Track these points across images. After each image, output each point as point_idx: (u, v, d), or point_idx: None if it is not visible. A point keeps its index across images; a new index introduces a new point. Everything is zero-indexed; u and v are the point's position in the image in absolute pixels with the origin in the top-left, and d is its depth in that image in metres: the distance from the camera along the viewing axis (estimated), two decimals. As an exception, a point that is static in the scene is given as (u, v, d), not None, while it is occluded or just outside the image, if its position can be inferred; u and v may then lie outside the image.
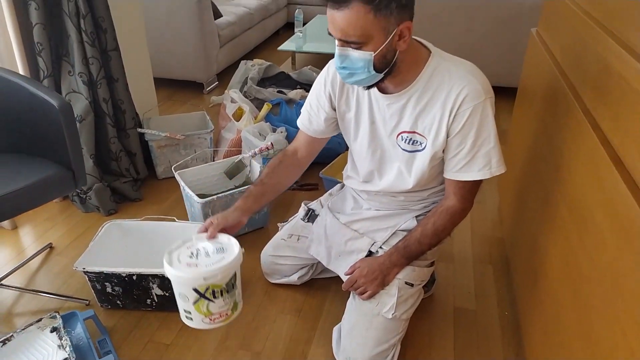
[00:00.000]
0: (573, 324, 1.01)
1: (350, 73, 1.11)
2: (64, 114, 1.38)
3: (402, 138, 1.24)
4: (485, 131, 1.16)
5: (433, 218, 1.28)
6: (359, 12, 1.01)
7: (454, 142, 1.18)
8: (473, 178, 1.21)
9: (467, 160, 1.19)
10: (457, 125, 1.15)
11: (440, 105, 1.16)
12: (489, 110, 1.15)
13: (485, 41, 3.09)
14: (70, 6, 1.83)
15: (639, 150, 0.82)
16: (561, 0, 1.47)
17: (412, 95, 1.18)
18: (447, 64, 1.16)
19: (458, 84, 1.13)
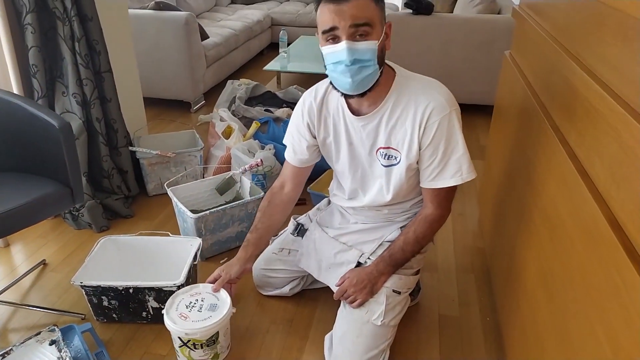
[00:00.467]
0: (548, 324, 1.10)
1: (360, 67, 1.15)
2: (64, 133, 1.44)
3: (380, 154, 1.34)
4: (454, 141, 1.26)
5: (414, 227, 1.37)
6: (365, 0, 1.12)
7: (426, 153, 1.28)
8: (447, 185, 1.30)
9: (440, 169, 1.29)
10: (428, 137, 1.25)
11: (410, 120, 1.26)
12: (454, 121, 1.25)
13: (463, 63, 3.23)
14: (66, 30, 1.90)
15: (602, 163, 0.92)
16: (531, 26, 1.59)
17: (384, 114, 1.29)
18: (412, 82, 1.27)
19: (424, 100, 1.24)
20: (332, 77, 1.24)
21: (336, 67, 1.18)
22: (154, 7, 3.28)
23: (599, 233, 0.86)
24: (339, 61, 1.16)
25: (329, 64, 1.20)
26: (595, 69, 1.02)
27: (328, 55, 1.18)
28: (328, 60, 1.19)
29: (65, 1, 1.87)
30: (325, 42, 1.18)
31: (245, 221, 1.95)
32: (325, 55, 1.19)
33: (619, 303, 0.77)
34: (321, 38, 1.19)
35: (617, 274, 0.78)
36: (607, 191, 0.88)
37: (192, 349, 1.38)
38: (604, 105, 0.91)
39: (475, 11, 3.40)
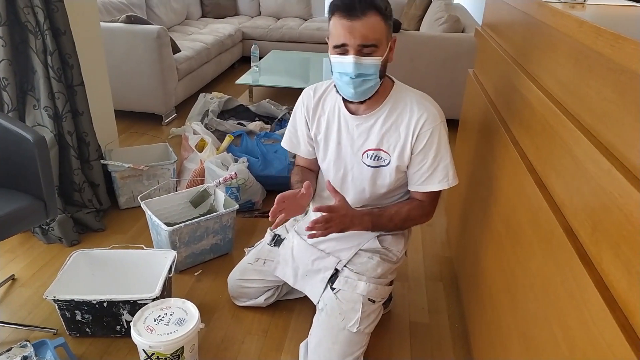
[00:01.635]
0: (511, 326, 1.16)
1: (364, 80, 1.26)
2: (39, 147, 1.44)
3: (367, 155, 1.42)
4: (443, 149, 1.38)
5: (409, 206, 1.46)
6: (375, 19, 1.21)
7: (417, 159, 1.38)
8: (435, 189, 1.41)
9: (429, 174, 1.40)
10: (420, 144, 1.36)
11: (405, 127, 1.36)
12: (443, 131, 1.38)
13: (429, 79, 3.34)
14: (38, 43, 1.89)
15: (557, 175, 1.00)
16: (492, 46, 1.69)
17: (380, 117, 1.38)
18: (408, 92, 1.39)
19: (418, 110, 1.35)
20: (337, 84, 1.34)
21: (341, 77, 1.27)
22: (125, 20, 3.28)
23: (555, 240, 0.94)
24: (345, 73, 1.25)
25: (335, 72, 1.30)
26: (550, 88, 1.11)
27: (335, 64, 1.28)
28: (335, 69, 1.29)
29: (38, 15, 1.87)
30: (333, 50, 1.27)
31: (219, 233, 1.97)
32: (333, 63, 1.29)
33: (573, 305, 0.84)
34: (331, 47, 1.29)
35: (572, 278, 0.85)
36: (561, 201, 0.96)
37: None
38: (557, 122, 0.99)
39: (440, 30, 3.53)
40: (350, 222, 1.37)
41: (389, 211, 1.46)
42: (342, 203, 1.36)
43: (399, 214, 1.45)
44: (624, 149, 0.75)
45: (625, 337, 0.66)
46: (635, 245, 0.68)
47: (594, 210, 0.82)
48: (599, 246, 0.79)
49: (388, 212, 1.45)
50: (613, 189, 0.74)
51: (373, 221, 1.43)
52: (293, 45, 4.95)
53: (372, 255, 1.48)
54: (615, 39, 0.76)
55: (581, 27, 0.91)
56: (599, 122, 0.85)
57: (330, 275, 1.47)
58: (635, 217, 0.68)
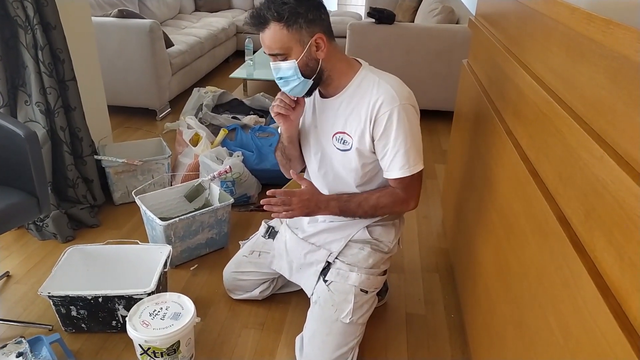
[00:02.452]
0: (506, 315, 1.17)
1: (286, 81, 1.32)
2: (30, 142, 1.43)
3: (336, 138, 1.41)
4: (403, 134, 1.31)
5: (379, 193, 1.43)
6: (275, 30, 1.25)
7: (379, 145, 1.35)
8: (395, 176, 1.36)
9: (391, 160, 1.35)
10: (379, 128, 1.32)
11: (365, 110, 1.34)
12: (402, 114, 1.30)
13: (424, 71, 3.34)
14: (28, 38, 1.88)
15: (550, 164, 1.00)
16: (485, 36, 1.69)
17: (344, 100, 1.37)
18: (373, 76, 1.35)
19: (377, 92, 1.32)
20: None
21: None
22: (117, 14, 3.25)
23: (549, 228, 0.94)
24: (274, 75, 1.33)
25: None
26: (542, 77, 1.11)
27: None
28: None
29: (27, 9, 1.85)
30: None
31: (215, 227, 1.96)
32: None
33: (568, 293, 0.84)
34: None
35: (565, 266, 0.85)
36: (555, 189, 0.96)
37: (152, 357, 1.39)
38: (550, 110, 0.99)
39: (435, 21, 3.52)
40: (316, 205, 1.40)
41: (358, 197, 1.43)
42: (308, 188, 1.42)
43: (368, 200, 1.42)
44: (617, 136, 0.75)
45: (618, 324, 0.66)
46: (628, 231, 0.68)
47: (587, 197, 0.81)
48: (592, 233, 0.79)
49: (357, 198, 1.43)
50: (606, 175, 0.74)
51: (340, 206, 1.42)
52: (287, 39, 4.91)
53: (362, 246, 1.48)
54: (607, 24, 0.76)
55: (573, 14, 0.90)
56: (592, 109, 0.85)
57: (322, 268, 1.47)
58: (627, 203, 0.68)
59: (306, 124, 1.49)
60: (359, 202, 1.43)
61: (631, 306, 0.66)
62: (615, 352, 0.66)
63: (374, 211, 1.44)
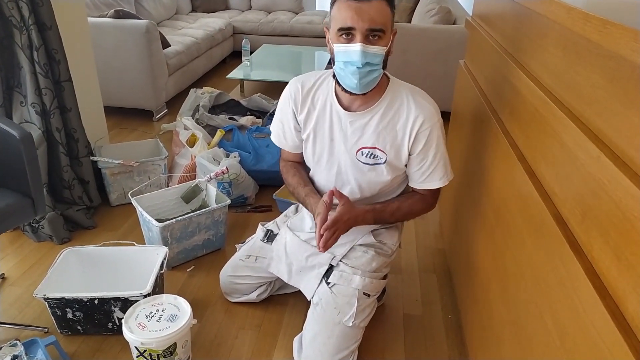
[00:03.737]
0: (503, 315, 1.16)
1: (370, 70, 1.22)
2: (25, 144, 1.42)
3: (362, 153, 1.38)
4: (441, 147, 1.37)
5: (411, 200, 1.45)
6: (383, 4, 1.19)
7: (417, 159, 1.37)
8: (436, 186, 1.41)
9: (430, 172, 1.39)
10: (419, 144, 1.35)
11: (402, 126, 1.33)
12: (440, 130, 1.36)
13: (421, 72, 3.34)
14: (23, 39, 1.87)
15: (546, 163, 1.00)
16: (482, 36, 1.69)
17: (375, 114, 1.34)
18: (405, 90, 1.35)
19: (416, 109, 1.32)
20: (339, 74, 1.27)
21: (346, 67, 1.22)
22: (113, 15, 3.24)
23: (545, 228, 0.93)
24: (351, 61, 1.20)
25: (339, 62, 1.24)
26: (539, 77, 1.11)
27: (340, 54, 1.22)
28: (339, 58, 1.23)
29: (22, 10, 1.84)
30: (338, 38, 1.22)
31: (211, 229, 1.96)
32: (336, 53, 1.23)
33: (564, 293, 0.83)
34: (335, 34, 1.22)
35: (562, 266, 0.85)
36: (551, 189, 0.96)
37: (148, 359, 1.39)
38: (547, 110, 0.98)
39: (431, 22, 3.52)
40: (354, 221, 1.36)
41: (391, 206, 1.43)
42: (346, 207, 1.33)
43: (401, 209, 1.44)
44: (613, 136, 0.75)
45: (615, 324, 0.66)
46: (625, 232, 0.68)
47: (584, 197, 0.81)
48: (588, 234, 0.79)
49: (390, 207, 1.43)
50: (602, 175, 0.74)
51: (375, 217, 1.42)
52: (284, 39, 4.92)
53: (366, 249, 1.47)
54: (603, 24, 0.75)
55: (569, 13, 0.90)
56: (588, 109, 0.84)
57: (325, 270, 1.46)
58: (624, 203, 0.68)
59: (318, 136, 1.43)
60: (392, 211, 1.43)
61: (628, 307, 0.66)
62: (613, 352, 0.66)
63: (405, 217, 1.49)
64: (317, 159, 1.46)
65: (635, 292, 0.64)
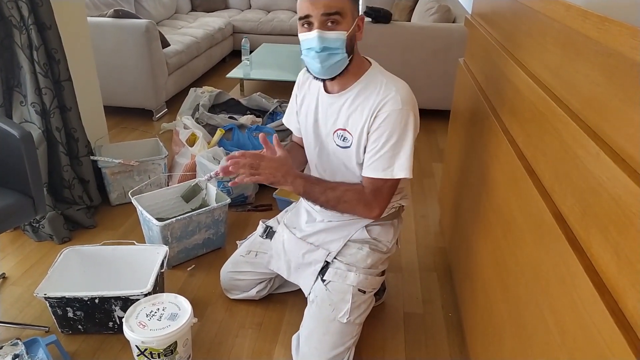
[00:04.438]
0: (504, 313, 1.16)
1: (329, 54, 1.25)
2: (25, 143, 1.42)
3: (337, 135, 1.40)
4: (396, 136, 1.29)
5: (347, 187, 1.37)
6: None
7: (370, 140, 1.33)
8: (375, 176, 1.33)
9: (375, 159, 1.32)
10: (375, 125, 1.31)
11: (368, 108, 1.33)
12: (404, 119, 1.29)
13: (420, 70, 3.33)
14: (23, 39, 1.87)
15: (546, 161, 1.00)
16: (482, 35, 1.68)
17: (349, 97, 1.36)
18: (382, 77, 1.35)
19: (383, 93, 1.31)
20: (305, 62, 1.32)
21: (308, 53, 1.27)
22: (113, 15, 3.24)
23: (545, 226, 0.93)
24: (310, 47, 1.25)
25: (303, 49, 1.29)
26: (538, 74, 1.11)
27: (302, 42, 1.28)
28: (302, 46, 1.29)
29: (22, 9, 1.84)
30: (301, 28, 1.28)
31: (211, 228, 1.96)
32: (301, 41, 1.29)
33: (564, 290, 0.83)
34: (298, 25, 1.28)
35: (562, 263, 0.85)
36: (551, 186, 0.96)
37: (149, 358, 1.38)
38: (546, 107, 0.98)
39: (431, 20, 3.52)
40: (282, 177, 1.30)
41: (325, 184, 1.38)
42: (281, 156, 1.31)
43: (334, 190, 1.36)
44: (613, 133, 0.75)
45: (614, 321, 0.66)
46: (624, 229, 0.68)
47: (583, 195, 0.81)
48: (588, 231, 0.79)
49: (324, 184, 1.38)
50: (602, 173, 0.74)
51: (305, 186, 1.34)
52: (284, 38, 4.92)
53: (361, 246, 1.47)
54: (601, 21, 0.75)
55: (568, 11, 0.90)
56: (588, 106, 0.84)
57: (320, 267, 1.47)
58: (623, 200, 0.68)
59: (308, 118, 1.48)
60: (324, 189, 1.36)
61: (627, 303, 0.66)
62: (612, 349, 0.66)
63: (336, 203, 1.37)
64: (308, 141, 1.51)
65: (635, 289, 0.64)
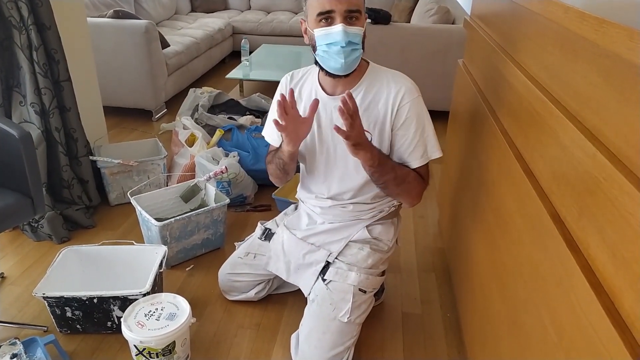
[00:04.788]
0: (502, 313, 1.17)
1: (353, 49, 1.26)
2: (24, 143, 1.42)
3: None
4: (422, 123, 1.37)
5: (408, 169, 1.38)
6: None
7: (398, 135, 1.37)
8: (416, 165, 1.39)
9: (411, 150, 1.38)
10: (400, 119, 1.36)
11: (383, 103, 1.36)
12: (422, 104, 1.38)
13: (420, 71, 3.33)
14: (22, 39, 1.87)
15: (544, 162, 1.00)
16: (480, 36, 1.69)
17: (357, 96, 1.36)
18: (383, 71, 1.40)
19: (395, 85, 1.36)
20: (322, 58, 1.30)
21: (330, 48, 1.26)
22: (112, 15, 3.25)
23: (542, 226, 0.94)
24: (334, 42, 1.25)
25: (321, 45, 1.27)
26: (536, 75, 1.11)
27: (322, 37, 1.26)
28: (321, 42, 1.27)
29: (22, 10, 1.85)
30: (317, 23, 1.26)
31: (210, 228, 1.96)
32: (317, 37, 1.27)
33: (561, 289, 0.84)
34: (313, 20, 1.27)
35: (559, 263, 0.85)
36: (548, 187, 0.96)
37: (147, 358, 1.39)
38: (544, 109, 0.99)
39: (431, 21, 3.53)
40: (365, 142, 1.26)
41: (398, 168, 1.37)
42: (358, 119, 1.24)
43: (402, 168, 1.37)
44: (609, 133, 0.75)
45: (611, 321, 0.66)
46: (620, 229, 0.68)
47: (580, 195, 0.82)
48: (585, 231, 0.79)
49: (397, 168, 1.37)
50: (598, 173, 0.74)
51: (380, 157, 1.30)
52: (283, 39, 4.92)
53: (362, 246, 1.48)
54: (599, 23, 0.76)
55: (566, 13, 0.90)
56: (585, 107, 0.85)
57: (321, 267, 1.47)
58: (620, 201, 0.68)
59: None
60: (393, 165, 1.36)
61: (624, 303, 0.66)
62: (608, 348, 0.66)
63: (401, 181, 1.37)
64: (309, 148, 1.48)
65: (631, 289, 0.65)
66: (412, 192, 1.42)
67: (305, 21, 1.33)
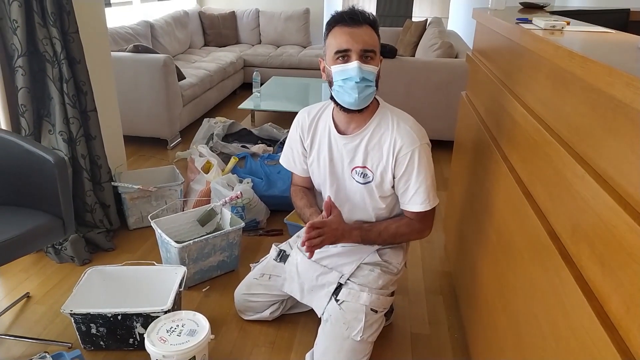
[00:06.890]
0: (505, 327, 1.24)
1: (367, 86, 1.37)
2: (59, 168, 1.53)
3: (356, 172, 1.52)
4: (423, 172, 1.46)
5: (398, 223, 1.54)
6: (371, 30, 1.38)
7: (400, 182, 1.48)
8: (417, 210, 1.49)
9: (411, 195, 1.49)
10: (400, 168, 1.46)
11: (386, 149, 1.46)
12: (422, 154, 1.45)
13: (424, 103, 3.47)
14: (55, 72, 2.01)
15: (541, 185, 1.10)
16: (481, 70, 1.81)
17: (364, 137, 1.48)
18: (392, 115, 1.49)
19: (398, 133, 1.45)
20: (338, 93, 1.41)
21: (346, 83, 1.37)
22: (132, 49, 3.42)
23: (540, 243, 1.02)
24: (349, 77, 1.36)
25: (337, 80, 1.39)
26: (532, 107, 1.22)
27: (338, 73, 1.37)
28: (338, 77, 1.38)
29: (55, 45, 1.99)
30: (335, 61, 1.38)
31: (226, 250, 2.05)
32: (334, 73, 1.39)
33: (557, 299, 0.92)
34: (331, 58, 1.39)
35: (555, 276, 0.94)
36: (545, 207, 1.05)
37: None
38: (539, 136, 1.09)
39: (434, 55, 3.68)
40: (341, 235, 1.47)
41: (378, 227, 1.54)
42: (336, 217, 1.47)
43: (388, 229, 1.53)
44: (596, 158, 0.85)
45: (600, 322, 0.74)
46: (607, 241, 0.77)
47: (573, 213, 0.91)
48: (578, 245, 0.88)
49: (377, 227, 1.54)
50: (587, 192, 0.84)
51: (362, 235, 1.51)
52: (293, 72, 5.11)
53: (373, 268, 1.56)
54: (584, 61, 0.87)
55: (557, 51, 1.01)
56: (575, 135, 0.95)
57: (334, 289, 1.55)
58: (605, 216, 0.77)
59: (320, 158, 1.57)
60: (379, 232, 1.53)
61: (611, 307, 0.75)
62: (598, 348, 0.74)
63: (393, 239, 1.56)
64: (322, 179, 1.60)
65: (616, 293, 0.73)
66: (409, 238, 1.59)
67: (323, 60, 1.45)
